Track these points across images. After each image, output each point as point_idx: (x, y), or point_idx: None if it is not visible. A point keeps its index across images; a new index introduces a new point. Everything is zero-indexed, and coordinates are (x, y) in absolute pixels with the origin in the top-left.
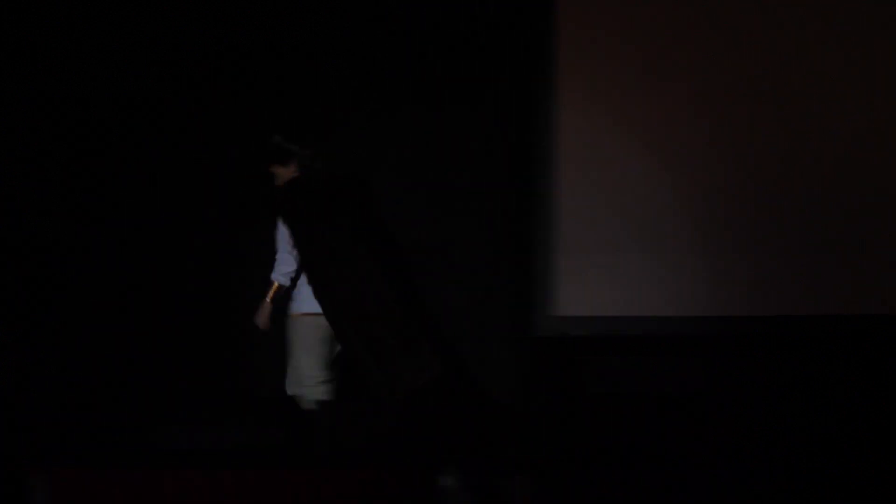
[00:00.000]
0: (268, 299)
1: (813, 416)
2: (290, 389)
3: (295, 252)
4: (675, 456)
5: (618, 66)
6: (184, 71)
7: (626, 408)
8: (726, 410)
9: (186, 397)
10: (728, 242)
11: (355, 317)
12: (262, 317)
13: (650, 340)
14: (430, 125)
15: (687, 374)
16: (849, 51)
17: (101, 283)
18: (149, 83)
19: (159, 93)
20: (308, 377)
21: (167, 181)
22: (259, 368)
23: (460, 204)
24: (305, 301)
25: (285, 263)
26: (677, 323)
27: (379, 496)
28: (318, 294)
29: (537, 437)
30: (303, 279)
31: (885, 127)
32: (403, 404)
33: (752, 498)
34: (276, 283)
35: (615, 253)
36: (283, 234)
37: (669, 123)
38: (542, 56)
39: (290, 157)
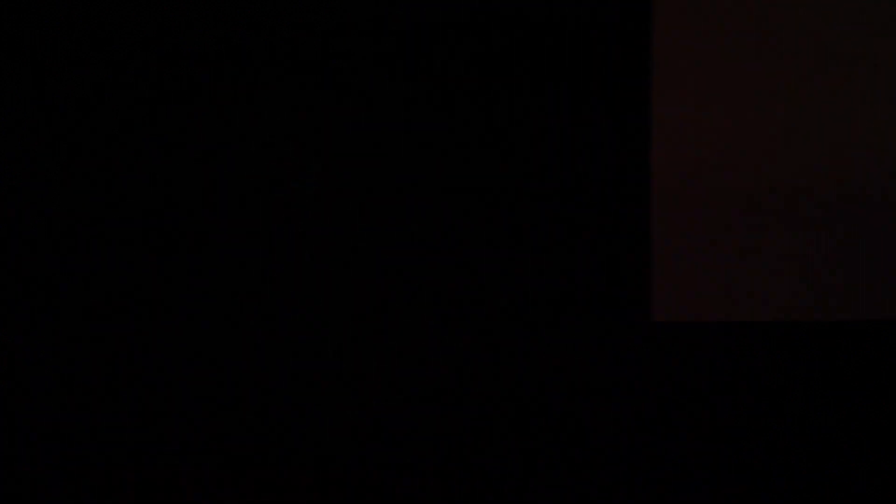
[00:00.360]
0: None
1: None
2: None
3: None
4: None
5: (718, 37)
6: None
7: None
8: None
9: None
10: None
11: None
12: None
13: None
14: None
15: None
16: None
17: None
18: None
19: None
20: None
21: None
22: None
23: (541, 192)
24: None
25: None
26: (804, 330)
27: None
28: None
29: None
30: None
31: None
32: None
33: None
34: None
35: (722, 250)
36: None
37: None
38: (636, 25)
39: None
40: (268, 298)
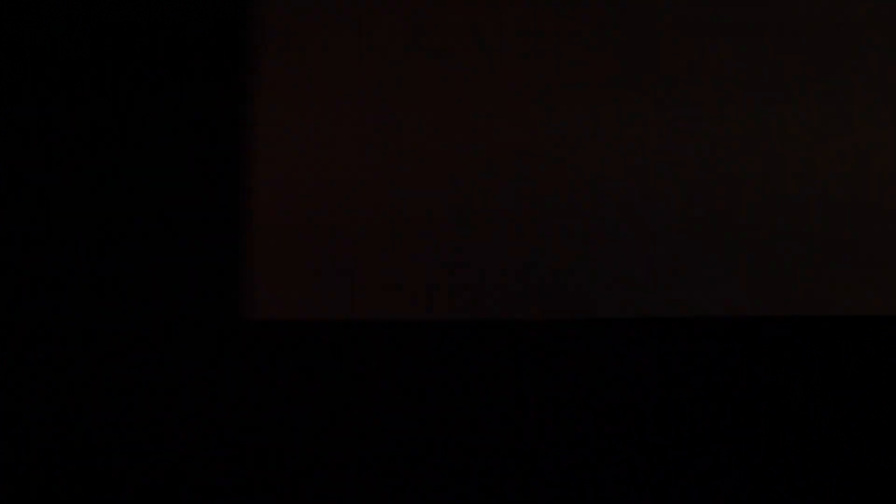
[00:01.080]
0: None
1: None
2: None
3: None
4: None
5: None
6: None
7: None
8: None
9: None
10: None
11: None
12: None
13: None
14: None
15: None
16: None
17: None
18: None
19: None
20: None
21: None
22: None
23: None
24: None
25: None
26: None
27: None
28: None
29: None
30: None
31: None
32: None
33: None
34: None
35: (320, 251)
36: None
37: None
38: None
39: None
40: None
